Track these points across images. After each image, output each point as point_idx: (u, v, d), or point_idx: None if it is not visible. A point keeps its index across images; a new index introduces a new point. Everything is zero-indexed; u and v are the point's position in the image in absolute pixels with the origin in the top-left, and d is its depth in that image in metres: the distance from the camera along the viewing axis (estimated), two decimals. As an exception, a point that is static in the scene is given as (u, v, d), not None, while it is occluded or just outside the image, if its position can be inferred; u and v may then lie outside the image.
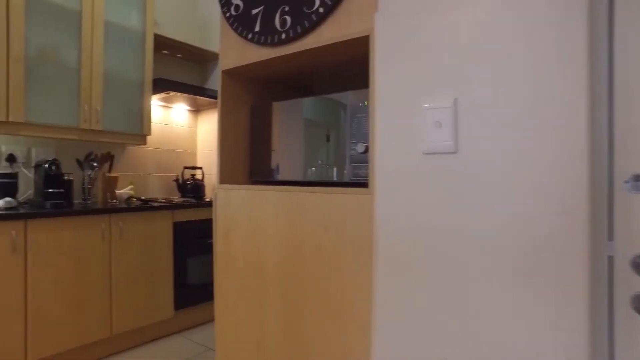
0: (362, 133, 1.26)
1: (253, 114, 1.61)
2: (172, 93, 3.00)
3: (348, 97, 1.32)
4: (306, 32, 1.24)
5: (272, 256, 1.32)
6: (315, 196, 1.20)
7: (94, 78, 2.70)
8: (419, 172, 0.97)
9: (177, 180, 3.35)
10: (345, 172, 1.32)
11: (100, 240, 2.48)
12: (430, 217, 0.95)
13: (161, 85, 2.99)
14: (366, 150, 1.24)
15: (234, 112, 1.55)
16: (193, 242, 2.97)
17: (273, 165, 1.55)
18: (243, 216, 1.40)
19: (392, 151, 1.01)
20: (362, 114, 1.26)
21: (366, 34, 1.10)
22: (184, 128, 3.62)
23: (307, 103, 1.46)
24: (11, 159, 2.61)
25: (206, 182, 3.49)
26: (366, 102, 1.26)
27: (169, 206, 2.81)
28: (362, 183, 1.24)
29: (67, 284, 2.34)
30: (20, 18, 2.39)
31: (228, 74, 1.53)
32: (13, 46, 2.37)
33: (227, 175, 1.51)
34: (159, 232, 2.77)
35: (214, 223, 1.52)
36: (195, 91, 3.13)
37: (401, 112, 1.00)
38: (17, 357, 2.16)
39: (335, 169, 1.38)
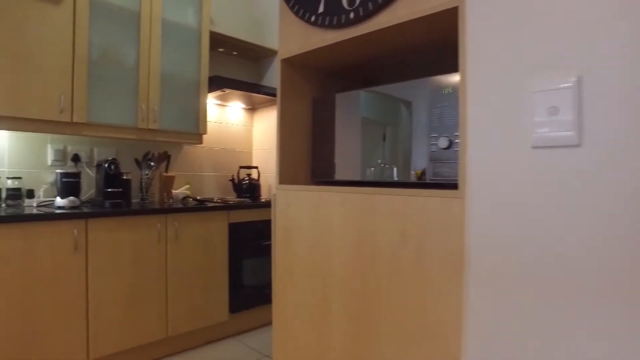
0: (445, 126, 1.08)
1: (315, 107, 1.47)
2: (227, 91, 2.94)
3: (426, 85, 1.14)
4: (378, 9, 1.08)
5: (339, 266, 1.17)
6: (390, 199, 1.04)
7: (151, 77, 2.69)
8: (526, 170, 0.78)
9: (232, 180, 3.30)
10: (413, 171, 1.15)
11: (157, 241, 2.45)
12: (540, 226, 0.76)
13: (217, 83, 2.94)
14: (450, 146, 1.06)
15: (294, 105, 1.42)
16: (249, 243, 2.90)
17: (338, 163, 1.40)
18: (305, 220, 1.26)
19: (489, 145, 0.83)
20: (445, 103, 1.08)
21: (454, 5, 0.92)
22: (239, 127, 3.57)
23: (364, 99, 1.30)
24: (76, 158, 2.65)
25: (262, 182, 3.42)
26: (448, 90, 1.08)
27: (224, 206, 2.75)
28: (445, 184, 1.06)
29: (124, 283, 2.33)
30: (85, 21, 2.41)
31: (288, 63, 1.40)
32: (78, 49, 2.39)
33: (286, 175, 1.38)
34: (215, 232, 2.72)
35: (272, 226, 1.40)
36: (251, 88, 3.05)
37: (502, 97, 0.82)
38: (80, 355, 2.17)
39: (395, 169, 1.21)
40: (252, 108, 3.63)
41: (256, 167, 3.42)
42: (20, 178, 2.43)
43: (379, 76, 1.63)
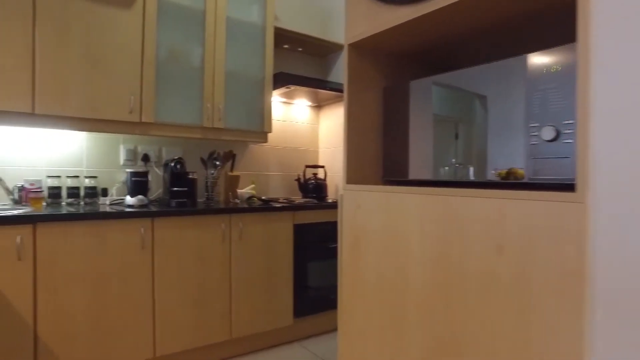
0: (551, 112, 0.88)
1: (386, 97, 1.31)
2: (293, 87, 2.85)
3: (522, 65, 0.94)
4: (466, -27, 0.91)
5: (416, 278, 1.01)
6: (481, 203, 0.86)
7: (216, 76, 2.67)
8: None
9: (298, 179, 3.21)
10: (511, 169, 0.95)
11: (220, 241, 2.41)
12: None
13: (282, 80, 2.87)
14: (557, 137, 0.86)
15: (363, 95, 1.27)
16: (314, 245, 2.79)
17: (411, 161, 1.23)
18: (376, 224, 1.11)
19: (624, 136, 0.63)
20: (550, 85, 0.88)
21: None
22: (305, 125, 3.49)
23: (437, 91, 1.12)
24: (145, 158, 2.70)
25: (328, 181, 3.31)
26: (556, 68, 0.87)
27: (289, 207, 2.67)
28: (552, 185, 0.86)
29: (189, 282, 2.31)
30: (153, 23, 2.43)
31: (355, 48, 1.25)
32: (146, 50, 2.42)
33: (355, 173, 1.24)
34: (279, 234, 2.64)
35: (339, 229, 1.27)
36: (317, 84, 2.95)
37: (643, 68, 0.62)
38: (147, 351, 2.19)
39: (471, 169, 1.02)
40: (318, 105, 3.53)
41: (322, 167, 3.31)
42: (96, 177, 2.50)
43: (459, 60, 1.44)
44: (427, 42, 1.23)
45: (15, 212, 1.97)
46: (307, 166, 3.27)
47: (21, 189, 2.31)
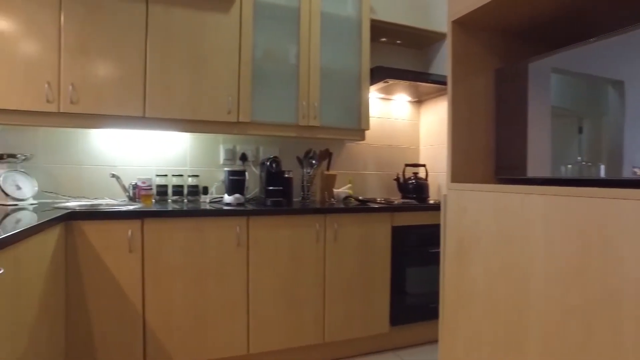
0: None
1: (499, 82, 1.12)
2: (391, 81, 2.70)
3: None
4: None
5: (541, 297, 0.82)
6: (636, 206, 0.65)
7: (312, 73, 2.62)
8: None
9: (397, 179, 3.05)
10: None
11: (315, 241, 2.35)
12: None
13: (379, 74, 2.73)
14: None
15: (471, 79, 1.09)
16: (414, 249, 2.61)
17: (530, 156, 1.03)
18: (487, 229, 0.93)
19: None
20: None
21: None
22: (404, 121, 3.31)
23: (556, 80, 0.90)
24: (243, 157, 2.75)
25: (430, 181, 3.09)
26: None
27: (388, 208, 2.52)
28: None
29: (282, 282, 2.29)
30: (249, 24, 2.46)
31: (461, 26, 1.08)
32: (243, 51, 2.45)
33: (461, 171, 1.07)
34: (377, 236, 2.51)
35: (441, 233, 1.11)
36: (418, 77, 2.76)
37: None
38: (242, 347, 2.21)
39: (602, 166, 0.80)
40: (419, 100, 3.32)
41: (423, 165, 3.10)
42: (197, 176, 2.60)
43: (588, 37, 1.18)
44: (547, 13, 1.01)
45: (128, 207, 2.11)
46: (407, 165, 3.09)
47: (135, 186, 2.48)
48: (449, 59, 1.07)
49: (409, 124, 3.32)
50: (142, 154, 2.60)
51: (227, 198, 2.40)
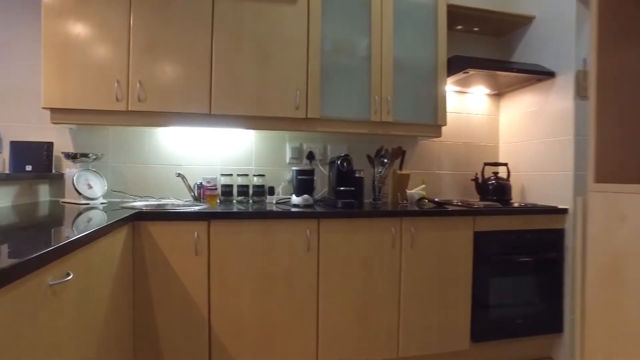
0: None
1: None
2: (472, 72, 2.44)
3: None
4: None
5: None
6: None
7: (384, 65, 2.42)
8: None
9: (476, 179, 2.78)
10: None
11: (390, 247, 2.15)
12: None
13: (457, 64, 2.48)
14: None
15: (622, 54, 0.86)
16: (499, 258, 2.33)
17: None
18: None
19: None
20: None
21: None
22: (482, 116, 3.02)
23: None
24: (310, 156, 2.60)
25: (512, 181, 2.79)
26: None
27: (469, 211, 2.27)
28: None
29: (354, 291, 2.11)
30: (318, 15, 2.31)
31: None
32: (312, 43, 2.30)
33: (610, 168, 0.83)
34: (457, 242, 2.26)
35: (576, 246, 0.88)
36: (502, 66, 2.48)
37: None
38: (310, 357, 2.05)
39: None
40: (498, 93, 3.02)
41: (505, 164, 2.81)
42: (263, 176, 2.49)
43: None
44: None
45: (193, 208, 2.03)
46: (487, 164, 2.81)
47: (199, 186, 2.41)
48: (593, 27, 0.84)
49: (487, 119, 3.03)
50: (207, 152, 2.53)
51: (295, 199, 2.26)
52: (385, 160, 2.56)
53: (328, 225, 2.06)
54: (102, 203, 2.19)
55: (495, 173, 2.76)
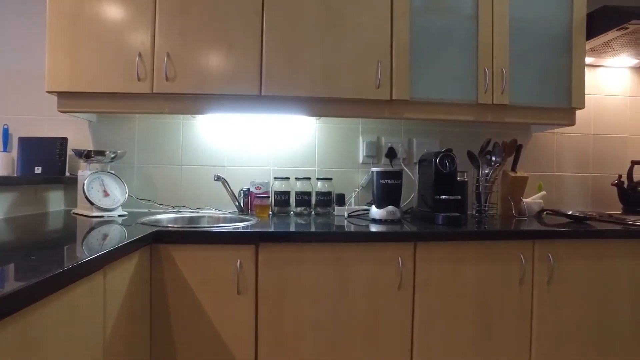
0: None
1: None
2: (636, 25, 1.65)
3: None
4: None
5: None
6: None
7: (497, 28, 1.69)
8: None
9: (619, 183, 1.98)
10: None
11: (517, 283, 1.43)
12: None
13: (606, 19, 1.71)
14: None
15: None
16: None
17: None
18: None
19: None
20: None
21: None
22: (622, 99, 2.18)
23: None
24: (391, 154, 1.92)
25: (673, 187, 1.96)
26: None
27: (636, 232, 1.50)
28: None
29: (464, 346, 1.40)
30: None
31: None
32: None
33: None
34: (615, 276, 1.50)
35: None
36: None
37: None
38: None
39: None
40: (643, 67, 2.18)
41: (662, 163, 1.98)
42: (330, 180, 1.85)
43: None
44: None
45: (236, 225, 1.41)
46: (635, 162, 1.99)
47: (246, 193, 1.80)
48: None
49: (630, 101, 2.19)
50: (256, 149, 1.91)
51: (376, 212, 1.59)
52: (495, 159, 1.83)
53: (427, 251, 1.37)
54: (121, 215, 1.63)
55: (647, 175, 1.95)
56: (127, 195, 1.68)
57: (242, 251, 1.29)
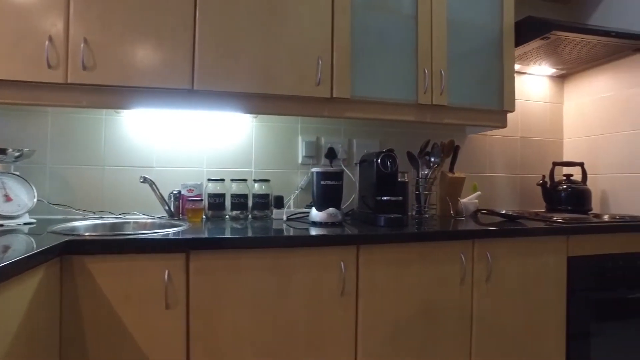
0: None
1: None
2: (554, 36, 1.70)
3: None
4: None
5: None
6: None
7: (436, 27, 1.68)
8: None
9: (543, 183, 2.05)
10: None
11: (458, 283, 1.41)
12: None
13: (531, 29, 1.76)
14: None
15: None
16: (602, 294, 1.60)
17: None
18: None
19: None
20: None
21: None
22: (543, 104, 2.28)
23: None
24: (331, 154, 1.85)
25: (590, 186, 2.06)
26: None
27: (563, 229, 1.54)
28: None
29: (409, 349, 1.35)
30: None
31: None
32: (337, -5, 1.57)
33: None
34: (543, 273, 1.53)
35: None
36: (595, 30, 1.75)
37: None
38: None
39: None
40: (562, 75, 2.29)
41: (580, 164, 2.08)
42: (268, 181, 1.73)
43: None
44: None
45: (163, 232, 1.25)
46: (556, 163, 2.08)
47: (177, 196, 1.63)
48: None
49: (550, 107, 2.30)
50: (188, 149, 1.75)
51: (316, 214, 1.49)
52: (434, 159, 1.81)
53: (371, 254, 1.30)
54: (28, 223, 1.40)
55: (568, 176, 2.04)
56: (35, 200, 1.44)
57: (171, 260, 1.13)
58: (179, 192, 1.63)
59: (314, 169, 1.54)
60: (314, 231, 1.32)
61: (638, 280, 1.64)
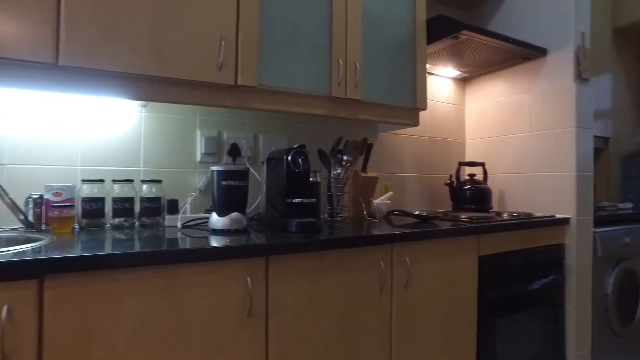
0: None
1: None
2: (464, 36, 1.67)
3: None
4: None
5: None
6: None
7: (351, 16, 1.55)
8: None
9: (450, 182, 2.05)
10: None
11: (377, 292, 1.28)
12: None
13: (443, 27, 1.72)
14: None
15: None
16: (506, 290, 1.61)
17: None
18: None
19: None
20: None
21: None
22: (448, 106, 2.30)
23: None
24: (234, 151, 1.61)
25: (490, 185, 2.10)
26: None
27: (474, 228, 1.50)
28: None
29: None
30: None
31: None
32: (243, -23, 1.34)
33: None
34: (460, 273, 1.48)
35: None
36: (496, 35, 1.77)
37: None
38: None
39: None
40: (464, 78, 2.33)
41: (482, 164, 2.11)
42: (159, 182, 1.44)
43: None
44: None
45: (17, 248, 0.92)
46: (462, 163, 2.09)
47: (38, 202, 1.27)
48: None
49: (454, 109, 2.32)
50: (56, 143, 1.39)
51: (217, 220, 1.25)
52: (347, 158, 1.68)
53: (282, 265, 1.11)
54: None
55: (472, 175, 2.06)
56: None
57: (15, 291, 0.82)
58: (41, 196, 1.27)
59: (215, 168, 1.29)
60: (214, 241, 1.09)
61: (534, 273, 1.70)
